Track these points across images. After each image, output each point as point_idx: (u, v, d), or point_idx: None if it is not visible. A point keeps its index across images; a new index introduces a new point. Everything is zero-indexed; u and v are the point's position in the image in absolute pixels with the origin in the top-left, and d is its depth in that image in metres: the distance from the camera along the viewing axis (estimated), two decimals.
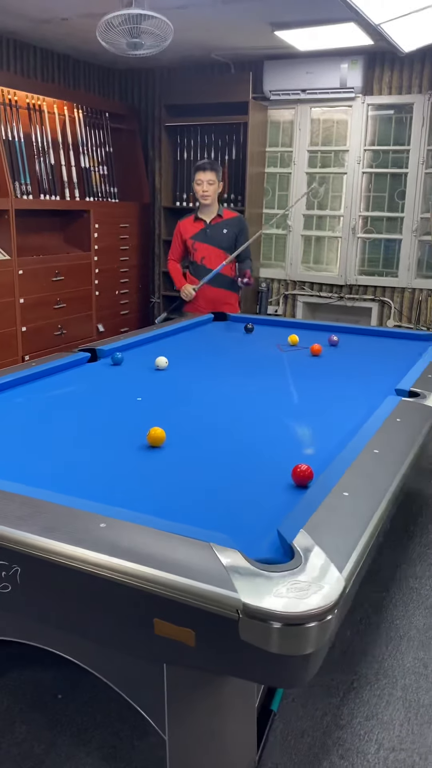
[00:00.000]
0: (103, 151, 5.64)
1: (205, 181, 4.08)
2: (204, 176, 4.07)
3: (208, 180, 4.07)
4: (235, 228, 4.30)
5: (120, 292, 5.78)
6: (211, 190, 4.12)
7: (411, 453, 1.87)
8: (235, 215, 4.34)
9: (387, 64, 5.21)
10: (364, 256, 5.67)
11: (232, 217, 4.32)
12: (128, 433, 2.11)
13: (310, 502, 1.54)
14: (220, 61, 5.60)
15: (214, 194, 4.16)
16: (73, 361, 2.89)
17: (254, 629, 1.17)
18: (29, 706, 2.00)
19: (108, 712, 1.98)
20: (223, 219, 4.28)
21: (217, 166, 4.16)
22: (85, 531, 1.38)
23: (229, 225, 4.28)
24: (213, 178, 4.09)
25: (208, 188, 4.09)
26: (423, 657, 2.25)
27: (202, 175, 4.08)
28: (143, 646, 1.34)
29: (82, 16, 4.31)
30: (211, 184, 4.08)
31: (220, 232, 4.27)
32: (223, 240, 4.28)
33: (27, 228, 4.93)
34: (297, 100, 5.47)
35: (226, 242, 4.29)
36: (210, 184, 4.08)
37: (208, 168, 4.10)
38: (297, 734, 1.92)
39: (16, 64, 5.12)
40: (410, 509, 3.34)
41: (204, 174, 4.08)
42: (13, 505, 1.47)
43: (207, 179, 4.07)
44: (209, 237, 4.28)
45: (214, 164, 4.17)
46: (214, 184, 4.10)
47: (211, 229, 4.27)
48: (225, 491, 1.73)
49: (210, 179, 4.07)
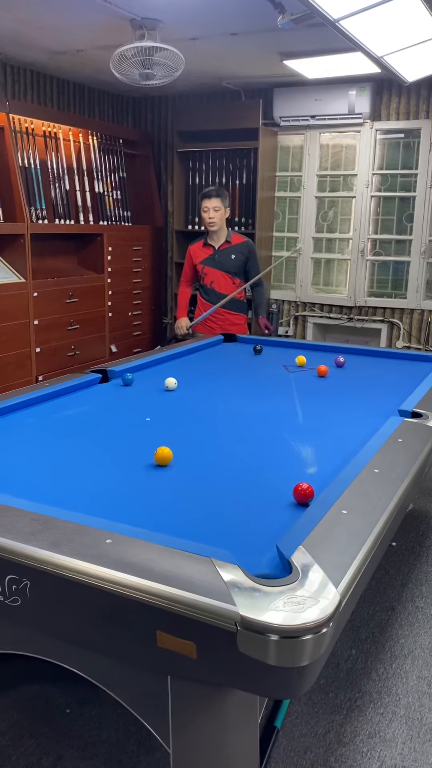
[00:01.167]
0: (117, 176, 5.78)
1: (211, 208, 4.10)
2: (210, 203, 4.10)
3: (214, 207, 4.10)
4: (243, 253, 4.35)
5: (133, 313, 5.88)
6: (217, 217, 4.14)
7: (411, 473, 1.91)
8: (243, 240, 4.39)
9: (394, 91, 5.31)
10: (373, 278, 5.74)
11: (241, 243, 4.36)
12: (136, 452, 2.17)
13: (309, 519, 1.59)
14: (230, 89, 5.74)
15: (220, 220, 4.18)
16: (84, 382, 2.97)
17: (252, 642, 1.21)
18: (38, 720, 2.05)
19: (115, 727, 2.02)
20: (232, 245, 4.33)
21: (222, 193, 4.16)
22: (91, 546, 1.43)
23: (237, 250, 4.33)
24: (219, 205, 4.11)
25: (214, 215, 4.11)
26: (427, 676, 2.27)
27: (208, 203, 4.11)
28: (146, 658, 1.39)
29: (97, 47, 4.46)
30: (216, 211, 4.11)
31: (229, 258, 4.33)
32: (231, 266, 4.34)
33: (42, 251, 5.05)
34: (306, 125, 5.58)
35: (234, 267, 4.36)
36: (216, 211, 4.11)
37: (213, 195, 4.11)
38: (300, 751, 1.95)
39: (33, 94, 5.29)
40: (417, 530, 3.36)
41: (210, 201, 4.10)
42: (23, 521, 1.53)
43: (213, 206, 4.10)
44: (217, 262, 4.35)
45: (219, 191, 4.17)
46: (220, 211, 4.13)
47: (219, 255, 4.34)
48: (228, 509, 1.78)
49: (216, 206, 4.10)
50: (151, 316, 6.15)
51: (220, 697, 1.48)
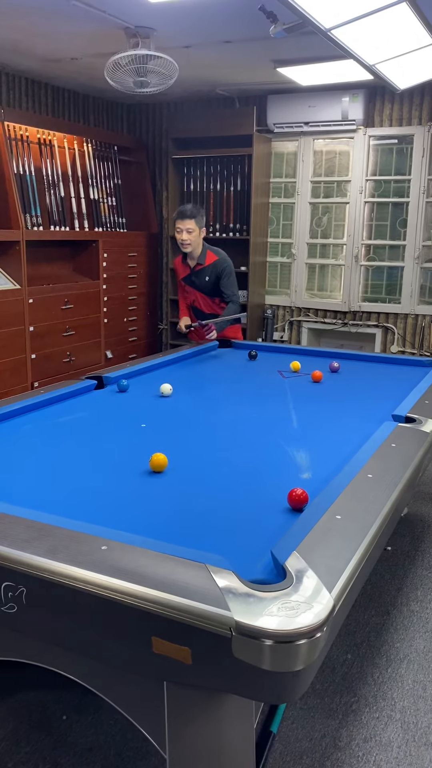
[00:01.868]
0: (112, 182, 5.80)
1: (184, 230, 3.86)
2: (183, 224, 3.85)
3: (188, 228, 3.85)
4: (215, 273, 4.10)
5: (128, 319, 5.90)
6: (191, 238, 3.91)
7: (405, 478, 1.92)
8: (216, 259, 4.11)
9: (387, 97, 5.35)
10: (368, 283, 5.76)
11: (213, 262, 4.11)
12: (132, 458, 2.18)
13: (304, 524, 1.60)
14: (225, 96, 5.78)
15: (194, 241, 3.95)
16: (80, 389, 2.98)
17: (246, 647, 1.22)
18: (34, 727, 2.05)
19: (111, 733, 2.02)
20: (205, 266, 4.10)
21: (198, 213, 3.90)
22: (87, 553, 1.44)
23: (209, 271, 4.11)
24: (193, 227, 3.86)
25: (187, 237, 3.87)
26: (422, 680, 2.28)
27: (182, 224, 3.86)
28: (142, 664, 1.40)
29: (92, 55, 4.48)
30: (190, 233, 3.86)
31: (203, 280, 4.14)
32: (205, 287, 4.16)
33: (37, 258, 5.07)
34: (300, 132, 5.62)
35: (208, 289, 4.16)
36: (189, 233, 3.86)
37: (188, 216, 3.85)
38: (296, 755, 1.95)
39: (27, 101, 5.31)
40: (411, 534, 3.37)
41: (183, 222, 3.85)
42: (18, 528, 1.54)
43: (186, 228, 3.85)
44: (194, 283, 4.20)
45: (194, 211, 3.89)
46: (193, 232, 3.88)
47: (195, 276, 4.17)
48: (223, 515, 1.79)
49: (190, 227, 3.85)
50: (146, 321, 6.17)
51: (216, 702, 1.49)
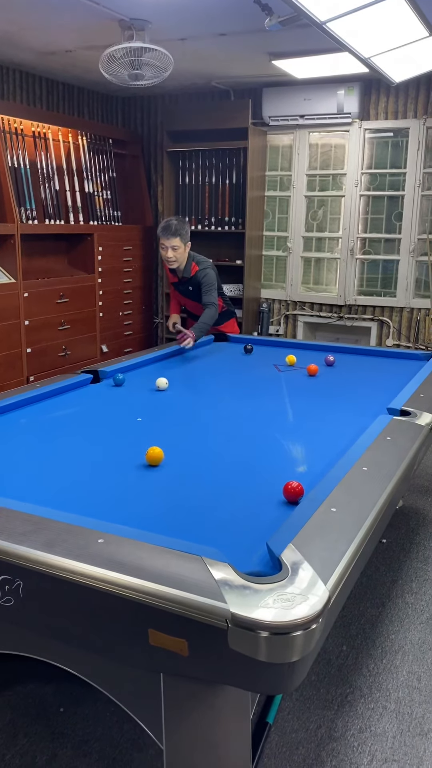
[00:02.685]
0: (107, 176, 5.78)
1: (169, 247, 3.76)
2: (168, 242, 3.74)
3: (173, 246, 3.75)
4: (197, 283, 4.00)
5: (123, 313, 5.89)
6: (176, 255, 3.81)
7: (399, 471, 1.93)
8: (197, 270, 3.97)
9: (383, 90, 5.34)
10: (363, 276, 5.77)
11: (195, 273, 3.98)
12: (128, 452, 2.18)
13: (299, 517, 1.61)
14: (220, 89, 5.76)
15: (180, 258, 3.85)
16: (75, 383, 2.98)
17: (243, 638, 1.23)
18: (32, 718, 2.06)
19: (108, 725, 2.03)
20: (190, 277, 4.01)
21: (182, 229, 3.76)
22: (84, 546, 1.45)
23: (194, 282, 4.02)
24: (177, 243, 3.76)
25: (172, 254, 3.78)
26: (417, 671, 2.30)
27: (166, 241, 3.74)
28: (139, 656, 1.41)
29: (86, 48, 4.46)
30: (175, 250, 3.77)
31: (188, 290, 4.10)
32: (193, 295, 4.10)
33: (32, 252, 5.05)
34: (295, 125, 5.61)
35: (196, 297, 4.08)
36: (174, 250, 3.77)
37: (171, 234, 3.73)
38: (292, 746, 1.97)
39: (22, 94, 5.28)
40: (406, 527, 3.39)
41: (168, 240, 3.74)
42: (15, 522, 1.55)
43: (171, 245, 3.75)
44: (183, 292, 4.16)
45: (179, 228, 3.76)
46: (179, 249, 3.78)
47: (182, 285, 4.12)
48: (219, 508, 1.80)
49: (174, 245, 3.75)
50: (141, 315, 6.16)
51: (212, 693, 1.50)
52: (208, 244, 6.13)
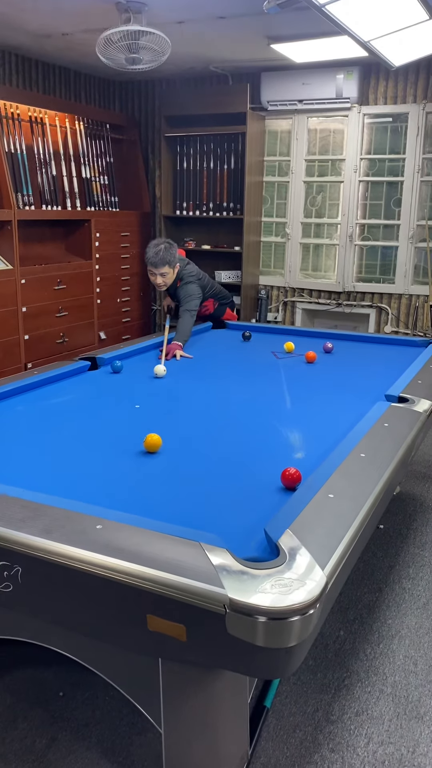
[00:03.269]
0: (104, 161, 5.74)
1: (158, 274, 3.76)
2: (156, 270, 3.75)
3: (161, 273, 3.75)
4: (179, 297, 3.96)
5: (121, 299, 5.87)
6: (165, 281, 3.80)
7: (397, 457, 1.94)
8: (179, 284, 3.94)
9: (382, 75, 5.30)
10: (362, 263, 5.75)
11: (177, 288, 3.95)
12: (126, 439, 2.18)
13: (297, 503, 1.61)
14: (218, 73, 5.71)
15: (169, 281, 3.84)
16: (73, 370, 2.97)
17: (241, 623, 1.24)
18: (31, 703, 2.07)
19: (107, 710, 2.05)
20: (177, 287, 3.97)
21: (170, 256, 3.73)
22: (82, 532, 1.45)
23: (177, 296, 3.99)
24: (166, 271, 3.75)
25: (161, 281, 3.79)
26: (413, 655, 2.32)
27: (155, 269, 3.75)
28: (137, 641, 1.42)
29: (83, 31, 4.41)
30: (164, 276, 3.77)
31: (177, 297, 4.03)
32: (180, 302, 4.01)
33: (29, 238, 5.03)
34: (294, 110, 5.56)
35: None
36: (163, 276, 3.77)
37: (160, 264, 3.72)
38: (289, 729, 1.99)
39: (18, 78, 5.23)
40: (404, 512, 3.40)
41: (156, 269, 3.74)
42: (14, 508, 1.55)
43: (160, 272, 3.75)
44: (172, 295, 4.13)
45: (166, 256, 3.72)
46: (168, 274, 3.78)
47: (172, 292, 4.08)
48: (217, 494, 1.81)
49: (163, 272, 3.75)
50: (139, 302, 6.14)
51: (211, 678, 1.52)
52: (206, 230, 6.11)
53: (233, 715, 1.66)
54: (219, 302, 4.30)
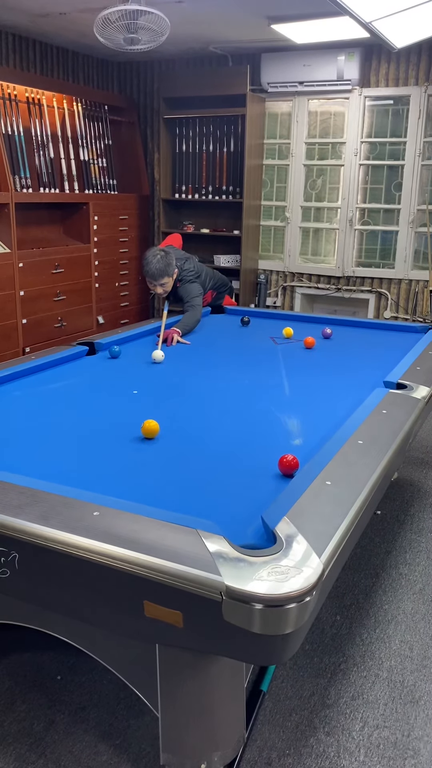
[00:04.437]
0: (102, 143, 5.69)
1: (158, 285, 3.71)
2: (156, 282, 3.69)
3: (161, 284, 3.69)
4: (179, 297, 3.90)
5: (120, 284, 5.85)
6: (166, 288, 3.75)
7: (394, 444, 1.93)
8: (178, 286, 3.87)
9: (384, 57, 5.23)
10: (362, 247, 5.72)
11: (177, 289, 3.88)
12: (123, 425, 2.18)
13: (294, 490, 1.61)
14: (218, 54, 5.64)
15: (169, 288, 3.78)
16: (71, 355, 2.96)
17: (237, 610, 1.24)
18: (29, 686, 2.09)
19: (105, 693, 2.06)
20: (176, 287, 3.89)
21: (168, 267, 3.66)
22: (79, 519, 1.45)
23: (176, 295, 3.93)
24: (165, 281, 3.69)
25: (161, 290, 3.73)
26: (409, 640, 2.34)
27: (154, 281, 3.69)
28: (134, 628, 1.42)
29: (81, 10, 4.35)
30: (163, 285, 3.71)
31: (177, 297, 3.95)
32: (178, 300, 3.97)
33: (27, 221, 4.99)
34: (294, 92, 5.51)
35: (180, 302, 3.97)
36: (162, 286, 3.71)
37: (158, 276, 3.65)
38: (285, 713, 2.00)
39: (15, 59, 5.16)
40: (401, 498, 3.41)
41: (155, 280, 3.68)
42: (11, 495, 1.55)
43: (160, 283, 3.70)
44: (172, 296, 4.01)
45: (164, 268, 3.64)
46: (167, 283, 3.72)
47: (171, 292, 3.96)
48: (214, 481, 1.81)
49: (162, 282, 3.69)
50: (138, 286, 6.12)
51: (207, 662, 1.52)
52: (205, 214, 6.07)
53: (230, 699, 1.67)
54: (218, 291, 4.28)
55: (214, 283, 4.21)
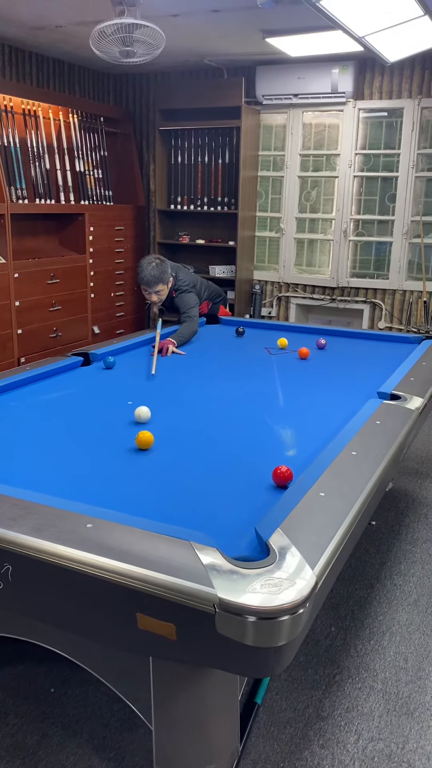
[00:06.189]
0: (98, 154, 5.71)
1: (153, 293, 3.70)
2: (151, 289, 3.68)
3: (156, 291, 3.69)
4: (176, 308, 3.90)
5: (115, 294, 5.86)
6: (161, 296, 3.75)
7: (389, 455, 1.94)
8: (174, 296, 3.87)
9: (377, 70, 5.28)
10: (356, 258, 5.75)
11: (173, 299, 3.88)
12: (118, 436, 2.18)
13: (288, 502, 1.61)
14: (213, 67, 5.68)
15: (164, 296, 3.78)
16: (66, 365, 2.96)
17: (230, 623, 1.24)
18: (22, 699, 2.08)
19: (98, 705, 2.05)
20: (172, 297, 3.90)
21: (163, 275, 3.65)
22: (72, 531, 1.45)
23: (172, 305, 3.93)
24: (160, 288, 3.69)
25: (156, 298, 3.73)
26: (404, 651, 2.33)
27: (149, 288, 3.68)
28: (127, 640, 1.42)
29: (76, 23, 4.38)
30: (159, 293, 3.70)
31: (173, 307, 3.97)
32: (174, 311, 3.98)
33: (22, 232, 5.00)
34: (289, 104, 5.55)
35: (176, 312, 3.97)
36: (158, 293, 3.70)
37: (153, 283, 3.65)
38: (280, 725, 2.00)
39: (11, 71, 5.19)
40: (396, 509, 3.42)
41: (150, 288, 3.68)
42: (4, 506, 1.55)
43: (155, 290, 3.69)
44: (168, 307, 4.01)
45: (160, 276, 3.64)
46: (162, 291, 3.72)
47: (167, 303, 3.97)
48: (208, 492, 1.81)
49: (158, 290, 3.69)
50: (133, 296, 6.12)
51: (201, 675, 1.52)
52: (200, 225, 6.10)
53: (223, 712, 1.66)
54: (213, 302, 4.29)
55: (209, 294, 4.23)
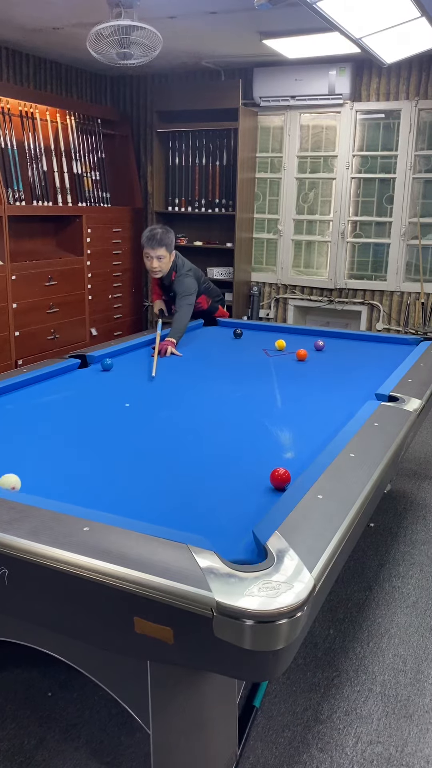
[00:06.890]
0: (96, 156, 5.71)
1: (154, 257, 3.62)
2: (153, 252, 3.60)
3: (158, 255, 3.61)
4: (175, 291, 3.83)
5: (113, 296, 5.85)
6: (161, 266, 3.68)
7: (387, 456, 1.93)
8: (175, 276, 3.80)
9: (375, 71, 5.28)
10: (354, 260, 5.75)
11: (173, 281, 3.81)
12: (115, 439, 2.17)
13: (286, 504, 1.61)
14: (210, 68, 5.68)
15: (165, 268, 3.72)
16: (63, 368, 2.96)
17: (228, 627, 1.23)
18: (20, 703, 2.07)
19: (96, 709, 2.04)
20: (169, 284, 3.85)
21: (167, 239, 3.61)
22: (69, 534, 1.44)
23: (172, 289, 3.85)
24: (163, 253, 3.63)
25: (157, 264, 3.65)
26: (403, 654, 2.32)
27: (152, 251, 3.61)
28: (124, 644, 1.41)
29: (74, 25, 4.38)
30: (161, 259, 3.63)
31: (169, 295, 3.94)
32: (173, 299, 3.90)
33: (20, 234, 5.00)
34: (286, 106, 5.55)
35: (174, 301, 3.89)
36: (160, 260, 3.63)
37: (156, 244, 3.59)
38: (278, 729, 1.99)
39: (8, 73, 5.19)
40: (394, 510, 3.41)
41: (153, 250, 3.60)
42: (1, 510, 1.54)
43: (157, 254, 3.61)
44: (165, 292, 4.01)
45: (164, 237, 3.60)
46: (164, 258, 3.65)
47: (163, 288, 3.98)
48: (206, 495, 1.80)
49: (160, 254, 3.62)
50: (131, 298, 6.12)
51: (199, 678, 1.51)
52: (198, 227, 6.09)
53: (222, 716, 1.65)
54: (212, 300, 4.29)
55: (207, 287, 4.20)
